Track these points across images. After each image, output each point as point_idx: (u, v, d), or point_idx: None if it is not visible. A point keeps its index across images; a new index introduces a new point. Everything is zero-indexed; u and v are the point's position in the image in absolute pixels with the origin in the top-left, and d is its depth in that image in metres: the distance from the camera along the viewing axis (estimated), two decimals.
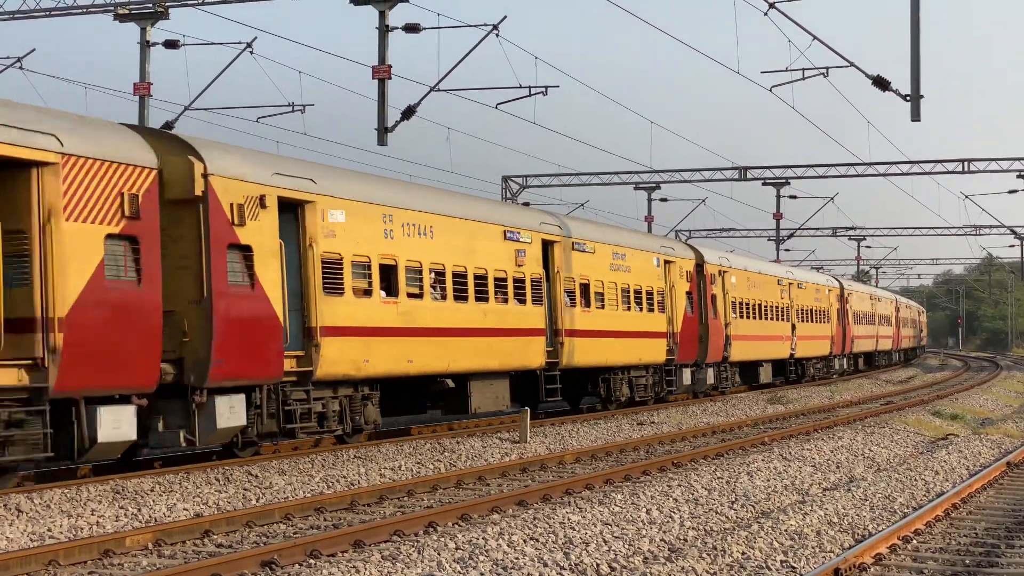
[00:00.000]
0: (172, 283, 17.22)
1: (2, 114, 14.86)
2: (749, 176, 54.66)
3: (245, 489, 16.28)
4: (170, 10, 32.99)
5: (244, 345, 17.98)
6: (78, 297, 15.40)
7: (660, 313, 34.08)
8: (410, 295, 22.45)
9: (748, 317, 42.25)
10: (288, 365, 19.24)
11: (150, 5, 32.72)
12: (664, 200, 64.14)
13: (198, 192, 17.51)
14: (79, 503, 14.79)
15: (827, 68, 31.73)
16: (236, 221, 18.01)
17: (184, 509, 14.66)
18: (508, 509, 15.17)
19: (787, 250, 78.75)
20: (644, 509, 14.55)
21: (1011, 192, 63.42)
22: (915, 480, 17.85)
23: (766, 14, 27.86)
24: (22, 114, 15.24)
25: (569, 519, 13.54)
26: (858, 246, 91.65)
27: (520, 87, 33.97)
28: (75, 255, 15.40)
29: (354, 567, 11.11)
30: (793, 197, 65.69)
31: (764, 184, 58.85)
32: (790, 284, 48.50)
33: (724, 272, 39.78)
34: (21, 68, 34.15)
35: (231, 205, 17.98)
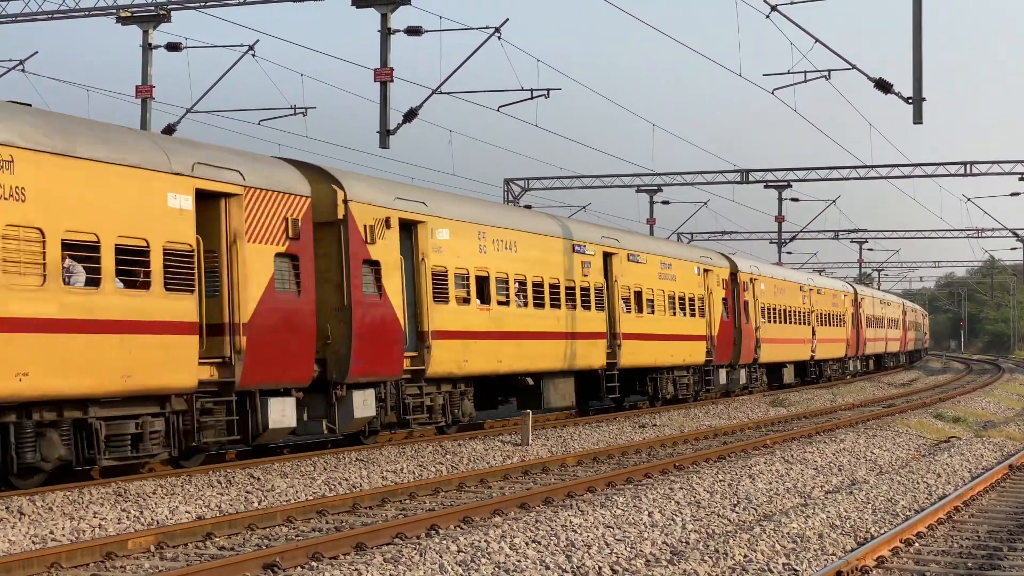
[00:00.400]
0: (319, 294, 19.95)
1: (200, 155, 17.73)
2: (751, 179, 54.69)
3: (247, 492, 16.28)
4: (172, 13, 33.01)
5: (375, 347, 21.08)
6: (256, 306, 18.28)
7: (700, 318, 36.98)
8: (499, 303, 25.44)
9: (775, 321, 45.06)
10: (405, 364, 22.23)
11: (152, 8, 32.75)
12: (666, 203, 64.16)
13: (340, 216, 20.59)
14: (81, 505, 14.80)
15: (829, 71, 31.80)
16: (368, 240, 21.07)
17: (186, 511, 14.66)
18: (510, 512, 15.17)
19: (789, 252, 78.71)
20: (646, 512, 14.55)
21: (1013, 195, 63.38)
22: (917, 483, 17.84)
23: (768, 17, 27.88)
24: (213, 153, 18.15)
25: (571, 522, 13.54)
26: (860, 249, 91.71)
27: (522, 90, 34.03)
28: (254, 271, 18.29)
29: (356, 570, 11.11)
30: (795, 200, 65.72)
31: (766, 187, 58.85)
32: (811, 290, 51.36)
33: (754, 280, 42.58)
34: (23, 71, 34.22)
35: (364, 226, 20.99)
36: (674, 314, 34.80)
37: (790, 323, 47.34)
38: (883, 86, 28.06)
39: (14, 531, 13.01)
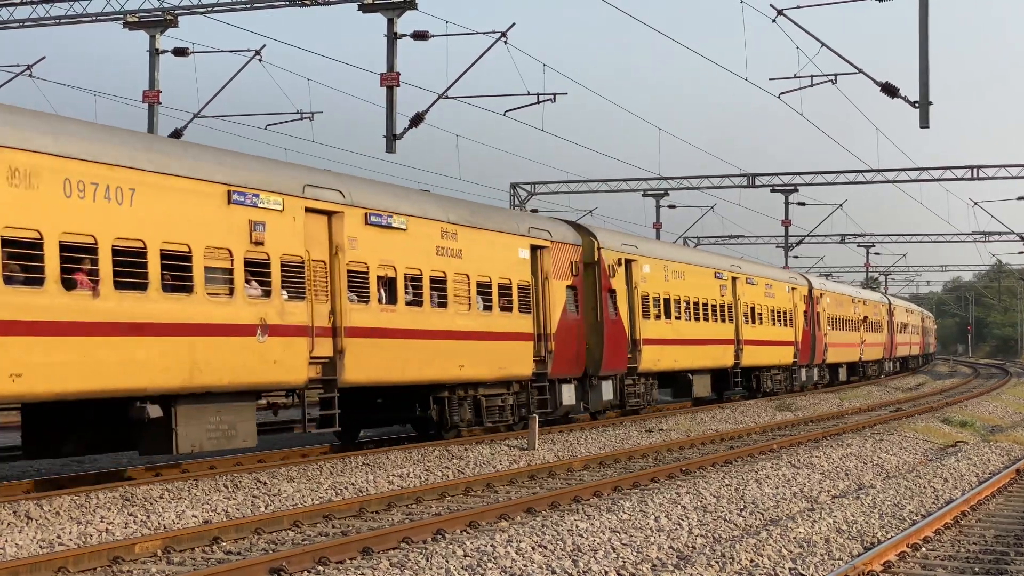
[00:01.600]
0: (584, 313, 28.27)
1: (531, 221, 26.97)
2: (757, 183, 54.64)
3: (254, 496, 16.29)
4: (179, 18, 33.06)
5: (615, 351, 29.77)
6: (558, 322, 26.79)
7: (790, 327, 45.89)
8: (675, 318, 34.22)
9: (836, 329, 53.53)
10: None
11: (159, 13, 32.81)
12: (673, 207, 64.11)
13: (595, 259, 29.17)
14: (88, 510, 14.82)
15: (835, 75, 31.78)
16: (610, 275, 29.74)
17: (193, 516, 14.68)
18: (516, 516, 15.18)
19: (795, 257, 78.58)
20: (652, 516, 14.54)
21: (1020, 199, 63.36)
22: (924, 487, 17.82)
23: (774, 21, 27.92)
24: (537, 219, 27.62)
25: (577, 526, 13.54)
26: (867, 252, 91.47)
27: (528, 94, 34.08)
28: (556, 298, 26.87)
29: (362, 574, 11.11)
30: (801, 204, 65.66)
31: (772, 191, 58.82)
32: (859, 301, 59.74)
33: (823, 294, 51.15)
34: (31, 76, 34.29)
35: (608, 265, 29.60)
36: (774, 324, 43.65)
37: (846, 330, 55.92)
38: (890, 90, 28.05)
39: (21, 536, 13.03)
